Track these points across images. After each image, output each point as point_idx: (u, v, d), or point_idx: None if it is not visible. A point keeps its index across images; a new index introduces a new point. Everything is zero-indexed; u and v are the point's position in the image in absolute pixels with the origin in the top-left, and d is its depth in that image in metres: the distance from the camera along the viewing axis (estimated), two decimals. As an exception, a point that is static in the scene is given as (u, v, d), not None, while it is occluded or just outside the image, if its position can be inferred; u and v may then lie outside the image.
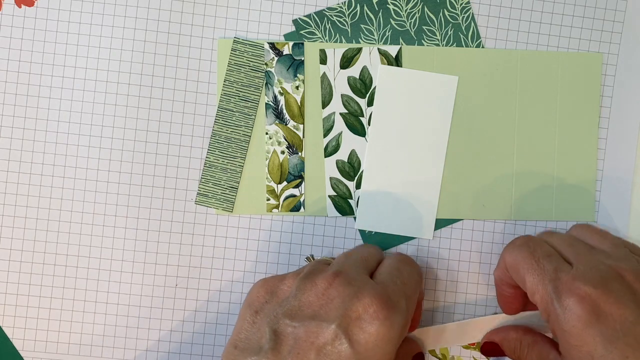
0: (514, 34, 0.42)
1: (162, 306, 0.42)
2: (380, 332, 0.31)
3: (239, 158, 0.42)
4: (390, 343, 0.31)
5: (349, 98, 0.42)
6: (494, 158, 0.42)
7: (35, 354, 0.42)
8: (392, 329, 0.31)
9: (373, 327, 0.31)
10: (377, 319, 0.31)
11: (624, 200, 0.43)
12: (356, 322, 0.31)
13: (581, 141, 0.42)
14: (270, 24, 0.41)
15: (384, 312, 0.31)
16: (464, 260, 0.42)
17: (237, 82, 0.41)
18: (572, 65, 0.42)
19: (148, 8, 0.41)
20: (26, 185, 0.41)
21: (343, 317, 0.31)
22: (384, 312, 0.31)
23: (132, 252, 0.42)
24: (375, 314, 0.31)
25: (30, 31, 0.41)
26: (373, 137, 0.42)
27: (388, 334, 0.31)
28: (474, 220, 0.42)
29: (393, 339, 0.31)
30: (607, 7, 0.42)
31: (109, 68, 0.41)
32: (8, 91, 0.41)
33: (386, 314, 0.31)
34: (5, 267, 0.41)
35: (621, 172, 0.43)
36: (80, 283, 0.42)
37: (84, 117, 0.41)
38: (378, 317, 0.31)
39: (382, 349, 0.31)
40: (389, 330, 0.31)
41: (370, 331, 0.31)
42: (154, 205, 0.42)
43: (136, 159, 0.41)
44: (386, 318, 0.31)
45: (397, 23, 0.41)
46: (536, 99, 0.42)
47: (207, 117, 0.42)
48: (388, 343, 0.31)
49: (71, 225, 0.41)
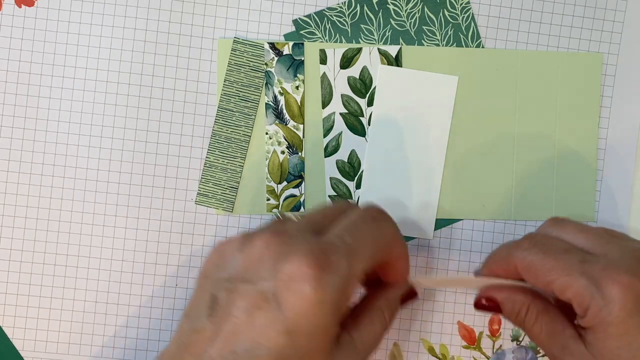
0: (514, 34, 0.42)
1: (162, 306, 0.42)
2: (311, 294, 0.28)
3: (239, 158, 0.42)
4: (325, 306, 0.29)
5: (349, 98, 0.42)
6: (494, 158, 0.42)
7: (35, 354, 0.42)
8: (324, 291, 0.28)
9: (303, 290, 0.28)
10: (306, 281, 0.28)
11: (624, 200, 0.43)
12: (286, 284, 0.29)
13: (581, 141, 0.42)
14: (270, 24, 0.41)
15: (314, 272, 0.29)
16: (464, 260, 0.42)
17: (237, 82, 0.41)
18: (572, 65, 0.42)
19: (148, 8, 0.41)
20: (26, 185, 0.41)
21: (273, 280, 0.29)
22: (314, 272, 0.29)
23: (132, 252, 0.42)
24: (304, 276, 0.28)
25: (30, 31, 0.41)
26: (373, 137, 0.42)
27: (320, 297, 0.28)
28: (474, 220, 0.42)
29: (327, 302, 0.29)
30: (607, 7, 0.42)
31: (109, 68, 0.41)
32: (8, 91, 0.41)
33: (317, 275, 0.28)
34: (5, 267, 0.41)
35: (621, 172, 0.43)
36: (80, 283, 0.42)
37: (84, 117, 0.41)
38: (307, 278, 0.28)
39: (316, 313, 0.28)
40: (321, 292, 0.28)
41: (299, 294, 0.28)
42: (154, 205, 0.42)
43: (136, 159, 0.41)
44: (317, 279, 0.28)
45: (397, 23, 0.41)
46: (536, 99, 0.42)
47: (207, 117, 0.42)
48: (322, 306, 0.28)
49: (71, 225, 0.41)
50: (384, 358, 0.42)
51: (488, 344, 0.43)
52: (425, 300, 0.42)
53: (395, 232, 0.34)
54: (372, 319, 0.34)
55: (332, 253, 0.30)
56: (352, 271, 0.30)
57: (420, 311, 0.42)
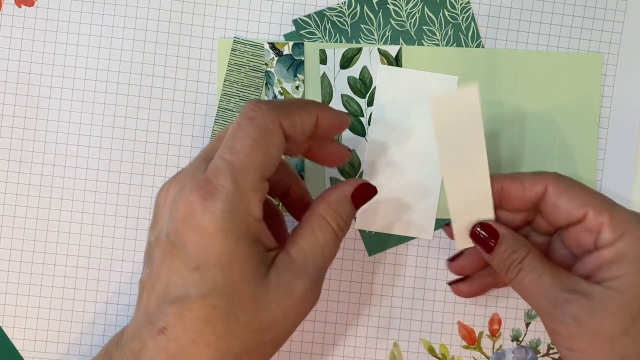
0: (514, 34, 0.42)
1: (162, 306, 0.42)
2: (204, 224, 0.28)
3: (239, 158, 0.42)
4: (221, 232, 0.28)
5: (349, 98, 0.42)
6: (493, 157, 0.42)
7: (35, 354, 0.42)
8: (214, 216, 0.28)
9: (196, 224, 0.29)
10: (196, 212, 0.28)
11: (624, 200, 0.43)
12: (183, 224, 0.29)
13: (581, 141, 0.42)
14: (270, 24, 0.41)
15: (201, 203, 0.28)
16: (464, 260, 0.42)
17: (237, 82, 0.41)
18: (572, 65, 0.42)
19: (148, 8, 0.41)
20: (26, 185, 0.41)
21: (173, 223, 0.29)
22: (201, 203, 0.28)
23: (132, 252, 0.42)
24: (194, 210, 0.29)
25: (30, 31, 0.41)
26: (373, 137, 0.42)
27: (213, 226, 0.28)
28: (474, 220, 0.42)
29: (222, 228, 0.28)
30: (607, 7, 0.42)
31: (109, 68, 0.41)
32: (8, 91, 0.41)
33: (203, 205, 0.28)
34: (5, 267, 0.41)
35: (621, 172, 0.43)
36: (80, 283, 0.42)
37: (84, 117, 0.41)
38: (197, 211, 0.28)
39: (214, 242, 0.28)
40: (212, 218, 0.28)
41: (194, 228, 0.29)
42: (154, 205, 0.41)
43: (136, 159, 0.41)
44: (204, 209, 0.28)
45: (397, 23, 0.42)
46: (536, 99, 0.42)
47: (207, 117, 0.42)
48: (217, 233, 0.28)
49: (71, 225, 0.41)
50: (384, 358, 0.42)
51: (488, 344, 0.43)
52: (425, 300, 0.42)
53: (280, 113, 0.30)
54: (312, 227, 0.32)
55: (214, 177, 0.29)
56: (240, 185, 0.29)
57: (420, 311, 0.42)
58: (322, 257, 0.32)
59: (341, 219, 0.33)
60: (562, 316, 0.33)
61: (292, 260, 0.31)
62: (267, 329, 0.30)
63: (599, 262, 0.34)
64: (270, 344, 0.31)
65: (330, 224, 0.32)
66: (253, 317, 0.30)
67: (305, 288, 0.31)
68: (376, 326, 0.42)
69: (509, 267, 0.35)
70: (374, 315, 0.42)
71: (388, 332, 0.42)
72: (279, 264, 0.31)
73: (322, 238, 0.32)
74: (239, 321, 0.29)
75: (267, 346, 0.31)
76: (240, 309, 0.29)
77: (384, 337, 0.42)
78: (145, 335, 0.30)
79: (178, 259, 0.29)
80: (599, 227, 0.33)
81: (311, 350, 0.42)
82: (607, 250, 0.33)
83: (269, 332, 0.30)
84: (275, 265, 0.31)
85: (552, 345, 0.43)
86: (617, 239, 0.33)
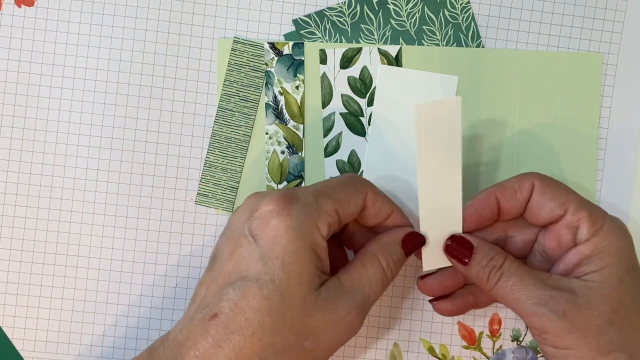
0: (514, 34, 0.42)
1: (162, 306, 0.42)
2: (279, 222, 0.32)
3: (239, 158, 0.42)
4: (291, 230, 0.32)
5: (349, 98, 0.42)
6: (493, 157, 0.42)
7: (35, 354, 0.42)
8: (290, 217, 0.32)
9: (271, 220, 0.32)
10: (275, 211, 0.32)
11: (624, 200, 0.43)
12: (259, 220, 0.33)
13: (581, 141, 0.42)
14: (270, 24, 0.41)
15: (282, 203, 0.33)
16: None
17: (237, 82, 0.41)
18: (572, 65, 0.42)
19: (148, 8, 0.41)
20: (26, 185, 0.41)
21: (249, 220, 0.33)
22: (282, 203, 0.33)
23: (132, 252, 0.42)
24: (274, 209, 0.32)
25: (30, 31, 0.41)
26: (373, 137, 0.42)
27: (286, 223, 0.32)
28: (474, 220, 0.42)
29: (293, 227, 0.32)
30: (607, 7, 0.42)
31: (109, 68, 0.41)
32: (8, 91, 0.41)
33: (284, 205, 0.32)
34: (5, 267, 0.41)
35: (621, 172, 0.43)
36: (80, 283, 0.42)
37: (84, 117, 0.41)
38: (276, 209, 0.32)
39: (283, 236, 0.32)
40: (287, 218, 0.32)
41: (268, 224, 0.32)
42: (154, 205, 0.42)
43: (136, 159, 0.41)
44: (283, 208, 0.32)
45: (397, 23, 0.41)
46: (536, 99, 0.42)
47: (207, 117, 0.42)
48: (288, 230, 0.32)
49: (71, 225, 0.41)
50: (384, 358, 0.42)
51: (488, 344, 0.43)
52: (425, 300, 0.42)
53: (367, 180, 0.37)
54: (363, 261, 0.35)
55: (299, 191, 0.34)
56: (318, 203, 0.33)
57: (420, 311, 0.42)
58: (369, 289, 0.35)
59: (391, 259, 0.36)
60: (550, 313, 0.33)
61: (341, 284, 0.34)
62: (309, 336, 0.32)
63: (579, 258, 0.35)
64: (308, 355, 0.33)
65: (380, 261, 0.35)
66: (298, 319, 0.32)
67: (349, 309, 0.33)
68: (376, 326, 0.42)
69: (489, 275, 0.35)
70: (374, 315, 0.42)
71: (388, 332, 0.42)
72: (329, 284, 0.34)
73: (371, 271, 0.35)
74: (285, 319, 0.32)
75: (306, 356, 0.33)
76: (289, 308, 0.32)
77: (384, 337, 0.42)
78: (195, 323, 0.32)
79: (247, 250, 0.32)
80: (578, 223, 0.35)
81: (311, 350, 0.42)
82: (585, 245, 0.35)
83: (310, 340, 0.32)
84: (327, 285, 0.34)
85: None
86: (594, 233, 0.35)
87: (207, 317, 0.32)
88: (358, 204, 0.35)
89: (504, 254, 0.36)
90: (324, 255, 0.34)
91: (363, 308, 0.34)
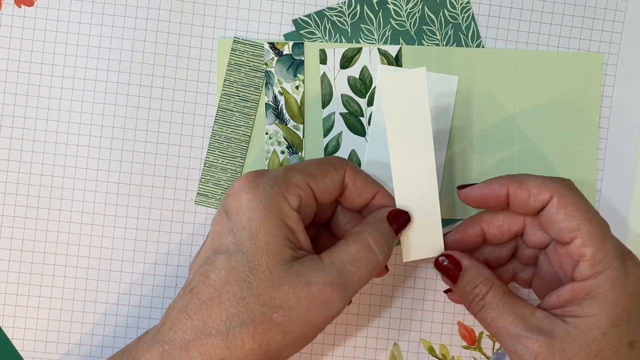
0: (514, 34, 0.42)
1: (162, 306, 0.42)
2: (247, 194, 0.33)
3: (239, 158, 0.42)
4: (257, 200, 0.33)
5: (349, 98, 0.42)
6: (494, 158, 0.42)
7: (35, 354, 0.42)
8: (256, 188, 0.33)
9: (242, 194, 0.33)
10: (244, 185, 0.33)
11: (624, 200, 0.43)
12: (231, 196, 0.34)
13: (581, 141, 0.42)
14: (270, 24, 0.41)
15: (250, 178, 0.34)
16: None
17: (237, 82, 0.41)
18: (572, 65, 0.42)
19: (148, 8, 0.41)
20: (26, 185, 0.41)
21: (224, 198, 0.34)
22: (250, 178, 0.34)
23: (132, 252, 0.42)
24: (243, 183, 0.33)
25: (30, 31, 0.41)
26: (373, 137, 0.42)
27: (253, 194, 0.33)
28: (474, 220, 0.42)
29: (259, 197, 0.33)
30: (607, 7, 0.42)
31: (108, 68, 0.41)
32: (8, 91, 0.41)
33: (252, 179, 0.33)
34: (5, 267, 0.41)
35: (621, 172, 0.43)
36: (80, 283, 0.42)
37: (84, 117, 0.41)
38: (245, 183, 0.33)
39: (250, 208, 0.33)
40: (254, 190, 0.33)
41: (238, 199, 0.33)
42: (154, 205, 0.42)
43: (136, 159, 0.41)
44: (251, 182, 0.33)
45: (397, 23, 0.41)
46: (536, 99, 0.42)
47: (207, 117, 0.42)
48: (254, 200, 0.33)
49: (71, 225, 0.41)
50: (384, 358, 0.42)
51: (488, 344, 0.43)
52: (425, 300, 0.42)
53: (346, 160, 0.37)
54: (347, 240, 0.34)
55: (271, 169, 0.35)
56: (287, 175, 0.34)
57: (420, 311, 0.42)
58: (351, 267, 0.33)
59: (378, 236, 0.34)
60: (524, 354, 0.33)
61: (319, 260, 0.33)
62: (277, 309, 0.32)
63: (572, 295, 0.33)
64: (279, 328, 0.32)
65: (365, 239, 0.34)
66: (265, 290, 0.32)
67: (323, 284, 0.32)
68: (376, 326, 0.42)
69: (471, 302, 0.35)
70: (374, 315, 0.42)
71: (388, 332, 0.42)
72: (306, 259, 0.33)
73: (353, 248, 0.34)
74: (251, 288, 0.32)
75: (276, 329, 0.32)
76: (256, 277, 0.32)
77: (384, 337, 0.42)
78: (176, 300, 0.33)
79: (221, 226, 0.33)
80: (580, 259, 0.33)
81: (311, 350, 0.42)
82: (581, 285, 0.33)
83: (279, 313, 0.32)
84: (303, 259, 0.33)
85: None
86: (592, 276, 0.33)
87: (185, 293, 0.33)
88: (335, 180, 0.35)
89: (490, 282, 0.35)
90: (297, 228, 0.33)
91: (343, 286, 0.33)
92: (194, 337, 0.31)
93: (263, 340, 0.32)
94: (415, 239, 0.37)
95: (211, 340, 0.31)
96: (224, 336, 0.31)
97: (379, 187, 0.37)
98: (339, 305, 0.33)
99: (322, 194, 0.35)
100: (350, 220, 0.38)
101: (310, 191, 0.34)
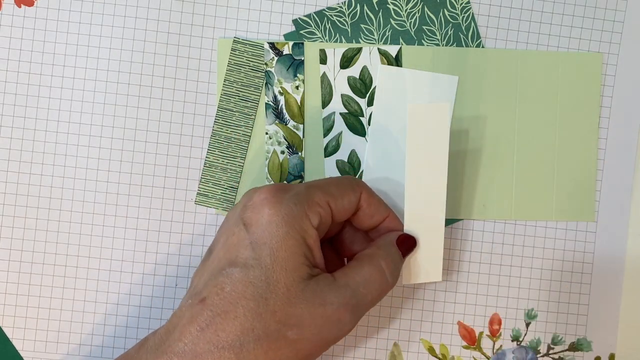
0: (514, 34, 0.42)
1: (162, 306, 0.42)
2: (269, 209, 0.33)
3: (239, 158, 0.42)
4: (280, 216, 0.33)
5: (349, 98, 0.42)
6: (494, 158, 0.42)
7: (35, 354, 0.42)
8: (280, 204, 0.33)
9: (262, 208, 0.33)
10: (267, 199, 0.33)
11: (624, 200, 0.43)
12: (251, 208, 0.33)
13: (581, 141, 0.42)
14: (270, 24, 0.41)
15: (273, 192, 0.34)
16: (465, 260, 0.42)
17: (237, 82, 0.41)
18: (572, 65, 0.42)
19: (148, 8, 0.41)
20: (26, 185, 0.41)
21: (242, 210, 0.34)
22: (273, 192, 0.34)
23: (132, 252, 0.42)
24: (265, 199, 0.33)
25: (30, 31, 0.41)
26: (373, 137, 0.42)
27: (276, 209, 0.33)
28: (474, 220, 0.42)
29: (282, 213, 0.33)
30: (607, 7, 0.42)
31: (109, 68, 0.41)
32: (8, 91, 0.41)
33: (275, 193, 0.34)
34: (5, 267, 0.41)
35: (621, 172, 0.43)
36: (80, 283, 0.42)
37: (84, 117, 0.41)
38: (267, 197, 0.33)
39: (271, 222, 0.33)
40: (277, 206, 0.33)
41: (259, 212, 0.33)
42: (154, 205, 0.42)
43: (136, 159, 0.41)
44: (274, 196, 0.33)
45: (397, 23, 0.42)
46: (536, 99, 0.42)
47: (207, 117, 0.42)
48: (277, 216, 0.33)
49: (71, 225, 0.41)
50: (384, 358, 0.42)
51: (488, 344, 0.43)
52: (425, 300, 0.42)
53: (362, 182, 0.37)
54: (360, 262, 0.35)
55: (293, 185, 0.35)
56: (309, 193, 0.34)
57: (420, 311, 0.42)
58: (364, 289, 0.34)
59: (390, 260, 0.36)
60: None
61: (334, 279, 0.34)
62: (292, 327, 0.32)
63: None
64: (292, 346, 0.32)
65: (377, 262, 0.35)
66: (281, 307, 0.32)
67: (338, 305, 0.33)
68: (376, 326, 0.42)
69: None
70: (374, 315, 0.42)
71: (388, 332, 0.42)
72: (321, 278, 0.34)
73: (367, 270, 0.35)
74: (268, 305, 0.32)
75: (289, 347, 0.32)
76: (273, 294, 0.32)
77: (384, 337, 0.42)
78: (183, 309, 0.33)
79: (238, 238, 0.33)
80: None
81: (311, 350, 0.42)
82: None
83: (293, 331, 0.32)
84: (318, 278, 0.33)
85: (552, 346, 0.43)
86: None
87: (195, 303, 0.32)
88: (352, 200, 0.36)
89: None
90: (315, 246, 0.34)
91: (355, 307, 0.34)
92: (206, 350, 0.31)
93: (275, 356, 0.32)
94: (417, 264, 0.38)
95: (224, 353, 0.31)
96: (237, 350, 0.31)
97: (389, 210, 0.38)
98: (350, 325, 0.34)
99: (338, 214, 0.35)
100: (355, 240, 0.39)
101: (329, 210, 0.35)
